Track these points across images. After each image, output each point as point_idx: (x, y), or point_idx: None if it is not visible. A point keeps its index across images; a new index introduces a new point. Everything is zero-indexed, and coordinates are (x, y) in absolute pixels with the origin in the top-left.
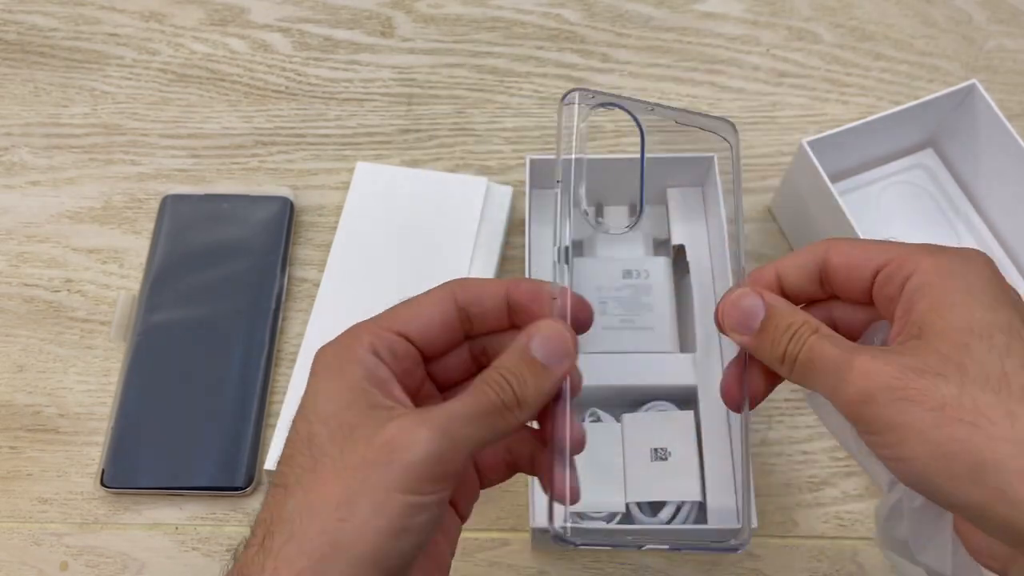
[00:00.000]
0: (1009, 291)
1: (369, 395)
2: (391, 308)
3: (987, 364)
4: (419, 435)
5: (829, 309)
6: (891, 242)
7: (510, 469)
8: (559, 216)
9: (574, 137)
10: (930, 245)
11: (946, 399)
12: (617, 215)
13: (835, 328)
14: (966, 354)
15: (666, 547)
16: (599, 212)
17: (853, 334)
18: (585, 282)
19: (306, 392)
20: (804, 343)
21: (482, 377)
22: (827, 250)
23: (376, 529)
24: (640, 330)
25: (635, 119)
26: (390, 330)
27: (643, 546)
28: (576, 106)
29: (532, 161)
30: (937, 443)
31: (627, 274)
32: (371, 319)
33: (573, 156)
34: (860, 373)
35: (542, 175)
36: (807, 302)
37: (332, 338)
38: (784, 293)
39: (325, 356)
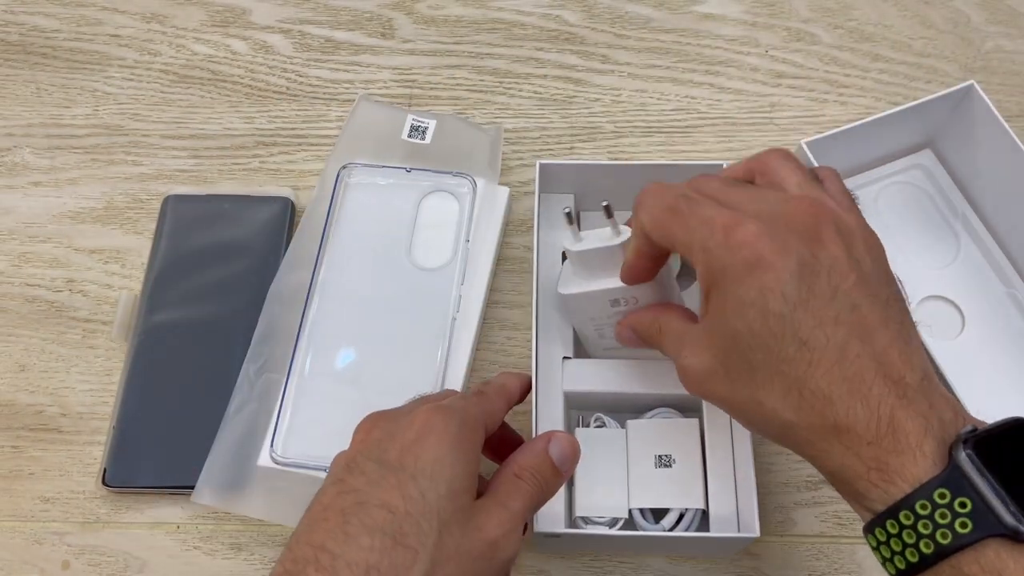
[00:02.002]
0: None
1: (474, 481)
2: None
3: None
4: (513, 539)
5: None
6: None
7: None
8: None
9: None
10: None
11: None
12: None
13: None
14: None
15: None
16: (608, 215)
17: None
18: (577, 316)
19: (426, 452)
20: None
21: (515, 474)
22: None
23: None
24: None
25: None
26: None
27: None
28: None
29: (542, 166)
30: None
31: (615, 303)
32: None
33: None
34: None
35: (552, 179)
36: None
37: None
38: None
39: (451, 422)
